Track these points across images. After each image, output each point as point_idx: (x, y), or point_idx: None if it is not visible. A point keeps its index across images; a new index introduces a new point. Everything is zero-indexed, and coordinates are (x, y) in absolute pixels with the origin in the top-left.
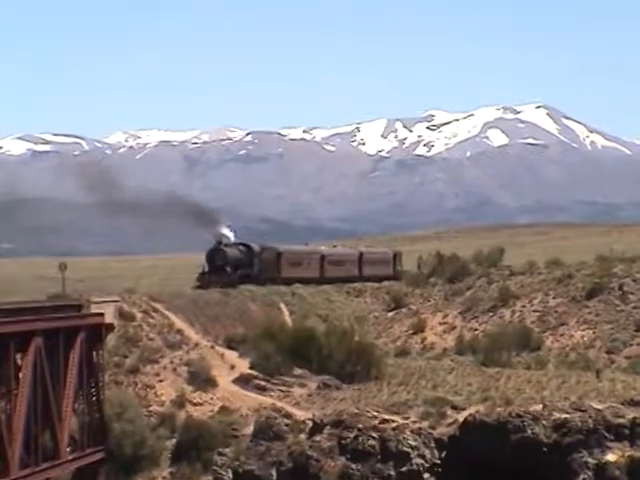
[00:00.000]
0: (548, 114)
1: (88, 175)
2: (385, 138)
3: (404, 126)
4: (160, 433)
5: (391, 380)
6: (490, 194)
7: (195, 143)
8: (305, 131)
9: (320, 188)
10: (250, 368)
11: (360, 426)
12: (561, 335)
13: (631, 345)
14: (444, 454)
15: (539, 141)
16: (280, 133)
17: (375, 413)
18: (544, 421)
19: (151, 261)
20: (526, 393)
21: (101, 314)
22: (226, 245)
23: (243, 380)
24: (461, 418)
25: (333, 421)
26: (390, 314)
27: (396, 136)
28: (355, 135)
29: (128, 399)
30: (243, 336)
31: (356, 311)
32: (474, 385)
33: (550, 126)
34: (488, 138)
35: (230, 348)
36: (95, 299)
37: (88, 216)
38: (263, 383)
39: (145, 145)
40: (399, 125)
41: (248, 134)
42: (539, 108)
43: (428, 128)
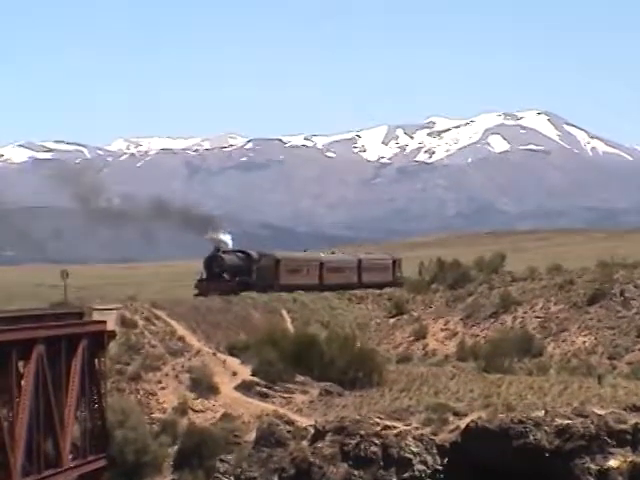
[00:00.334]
0: (549, 120)
1: (74, 183)
2: (386, 145)
3: (405, 133)
4: (162, 440)
5: (393, 386)
6: (491, 200)
7: (196, 150)
8: (306, 138)
9: (321, 195)
10: (252, 375)
11: (362, 432)
12: (563, 341)
13: (633, 351)
14: (446, 460)
15: (540, 147)
16: (281, 140)
17: (377, 419)
18: (546, 427)
19: (153, 268)
20: (528, 399)
21: (103, 321)
22: (224, 252)
23: (245, 387)
24: (463, 424)
25: (335, 428)
26: (392, 320)
27: (397, 143)
28: (356, 142)
29: (130, 406)
30: (245, 343)
31: (358, 318)
32: (476, 391)
33: (551, 132)
34: (489, 144)
35: (232, 355)
36: (97, 306)
37: (89, 223)
38: (265, 390)
39: (146, 152)
40: (400, 132)
41: (249, 141)
42: (540, 114)
43: (429, 135)
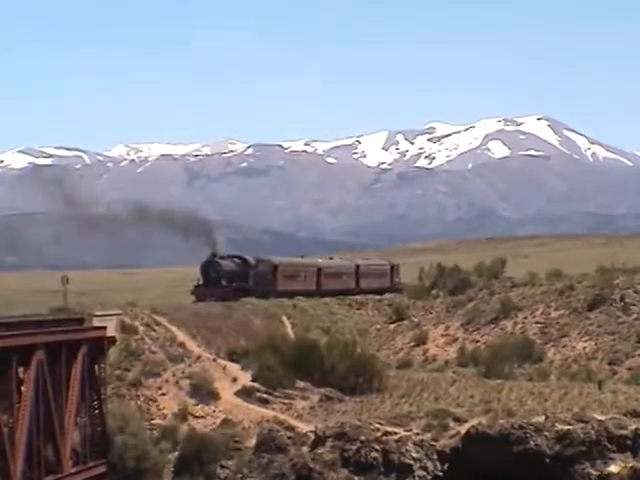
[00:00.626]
0: (549, 126)
1: (55, 189)
2: (386, 150)
3: (405, 138)
4: (162, 446)
5: (393, 392)
6: (491, 206)
7: (196, 156)
8: (306, 143)
9: (321, 200)
10: (252, 381)
11: (362, 438)
12: (563, 346)
13: (633, 356)
14: (446, 466)
15: (540, 153)
16: (281, 145)
17: (377, 425)
18: (546, 432)
19: (153, 274)
20: (528, 405)
21: (103, 327)
22: (221, 257)
23: (245, 393)
24: (463, 430)
25: (335, 433)
26: (392, 326)
27: (397, 148)
28: (356, 147)
29: (130, 412)
30: (245, 349)
31: (358, 323)
32: (476, 397)
33: (551, 138)
34: (489, 150)
35: (232, 361)
36: (97, 312)
37: (90, 229)
38: (265, 396)
39: (146, 158)
40: (400, 137)
41: (249, 147)
42: (540, 120)
43: (429, 140)
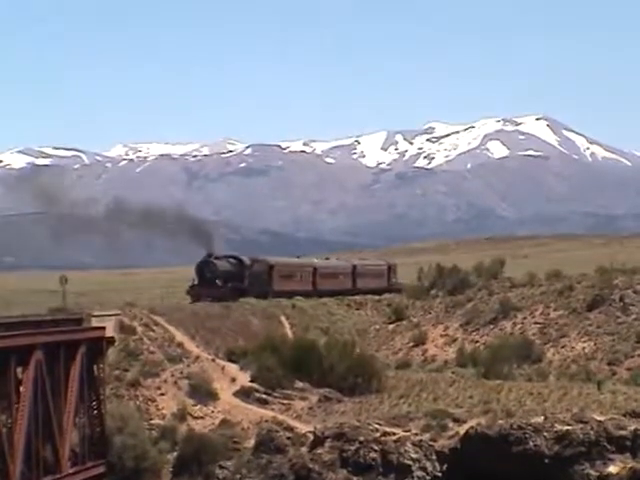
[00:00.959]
0: (548, 126)
1: (33, 189)
2: (385, 150)
3: (404, 138)
4: (161, 446)
5: (392, 393)
6: (490, 206)
7: (195, 156)
8: (305, 144)
9: (320, 201)
10: (251, 381)
11: (361, 439)
12: (562, 347)
13: (632, 357)
14: (445, 467)
15: (539, 153)
16: (280, 146)
17: (376, 426)
18: (545, 433)
19: (151, 274)
20: (527, 405)
21: (102, 328)
22: (216, 257)
23: (244, 393)
24: (462, 430)
25: (334, 434)
26: (391, 326)
27: (396, 148)
28: (355, 147)
29: (129, 412)
30: (244, 349)
31: (357, 324)
32: (475, 397)
33: (550, 138)
34: (488, 150)
35: (231, 361)
36: (96, 313)
37: (89, 229)
38: (264, 396)
39: (145, 158)
40: (399, 137)
41: (248, 147)
42: (539, 120)
43: (428, 140)
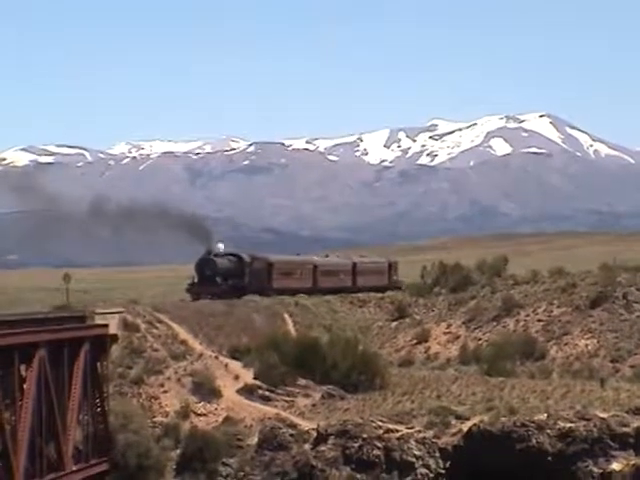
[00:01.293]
0: (551, 123)
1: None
2: (388, 148)
3: (407, 136)
4: (165, 444)
5: (395, 390)
6: (494, 203)
7: (198, 154)
8: (308, 141)
9: (323, 198)
10: (254, 378)
11: (364, 436)
12: (565, 344)
13: (635, 354)
14: (448, 464)
15: (542, 150)
16: (283, 143)
17: (379, 423)
18: (549, 430)
19: (155, 272)
20: (530, 402)
21: (105, 325)
22: (216, 255)
23: (247, 390)
24: (465, 428)
25: (337, 431)
26: (394, 324)
27: (399, 146)
28: (358, 145)
29: (132, 410)
30: (247, 346)
31: (360, 321)
32: (478, 395)
33: (553, 135)
34: (491, 147)
35: (234, 358)
36: (99, 310)
37: (92, 227)
38: (267, 393)
39: (148, 156)
40: (402, 135)
41: (251, 145)
42: (542, 117)
43: (431, 138)
